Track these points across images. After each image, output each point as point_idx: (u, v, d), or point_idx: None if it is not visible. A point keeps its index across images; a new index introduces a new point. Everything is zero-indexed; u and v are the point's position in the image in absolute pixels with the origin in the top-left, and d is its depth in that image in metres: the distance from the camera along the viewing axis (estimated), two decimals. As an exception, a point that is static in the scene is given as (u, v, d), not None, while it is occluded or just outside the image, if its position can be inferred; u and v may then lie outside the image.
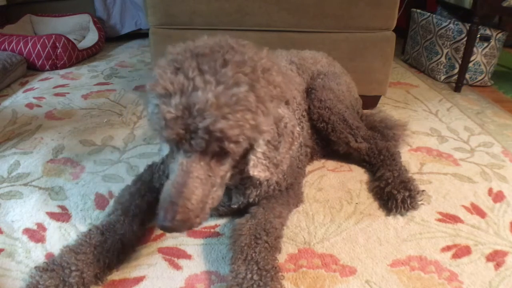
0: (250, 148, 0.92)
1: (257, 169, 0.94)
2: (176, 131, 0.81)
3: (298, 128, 1.00)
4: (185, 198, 0.84)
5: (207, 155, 0.86)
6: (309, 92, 1.51)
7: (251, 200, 1.14)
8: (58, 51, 2.68)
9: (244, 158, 0.94)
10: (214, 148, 0.83)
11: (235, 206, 1.15)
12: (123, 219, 1.08)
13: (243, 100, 0.81)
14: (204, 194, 0.87)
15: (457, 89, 2.42)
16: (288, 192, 1.21)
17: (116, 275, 1.01)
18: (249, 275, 0.90)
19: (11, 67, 2.43)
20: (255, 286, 0.88)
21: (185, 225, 0.84)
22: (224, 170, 0.91)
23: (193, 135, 0.81)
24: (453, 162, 1.58)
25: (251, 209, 1.12)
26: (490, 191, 1.40)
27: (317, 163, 1.56)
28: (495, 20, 2.62)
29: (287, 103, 0.99)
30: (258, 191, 1.14)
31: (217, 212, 1.19)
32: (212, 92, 0.79)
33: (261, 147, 0.92)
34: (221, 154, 0.87)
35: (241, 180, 1.08)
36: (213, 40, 0.92)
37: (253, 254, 0.95)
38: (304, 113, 1.47)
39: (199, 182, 0.86)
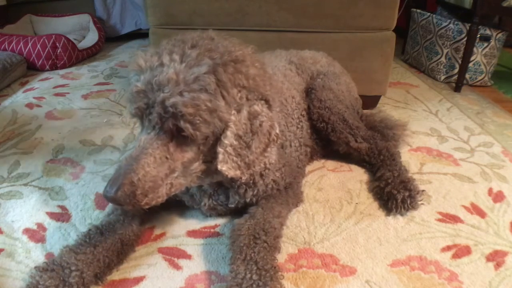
0: (218, 140, 0.91)
1: (226, 165, 0.92)
2: (138, 105, 0.86)
3: (277, 131, 0.97)
4: (133, 172, 0.84)
5: (166, 136, 0.87)
6: (308, 92, 1.51)
7: (248, 200, 1.14)
8: (58, 51, 2.68)
9: (213, 150, 0.92)
10: (169, 125, 0.84)
11: (233, 206, 1.15)
12: (123, 218, 1.08)
13: (201, 80, 0.83)
14: (157, 174, 0.86)
15: (457, 89, 2.42)
16: (287, 192, 1.21)
17: (116, 275, 1.01)
18: (249, 275, 0.90)
19: (11, 67, 2.43)
20: (254, 286, 0.88)
21: (128, 199, 0.83)
22: (187, 157, 0.89)
23: (151, 110, 0.85)
24: (453, 162, 1.58)
25: (250, 209, 1.12)
26: (490, 191, 1.40)
27: (317, 163, 1.56)
28: (495, 20, 2.62)
29: (267, 102, 0.96)
30: (255, 191, 1.14)
31: (215, 212, 1.19)
32: (173, 69, 0.83)
33: (228, 139, 0.90)
34: (181, 138, 0.87)
35: (231, 179, 1.06)
36: (200, 32, 0.95)
37: (252, 254, 0.95)
38: (304, 113, 1.47)
39: (152, 160, 0.85)
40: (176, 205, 1.24)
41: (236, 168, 0.93)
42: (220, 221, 1.22)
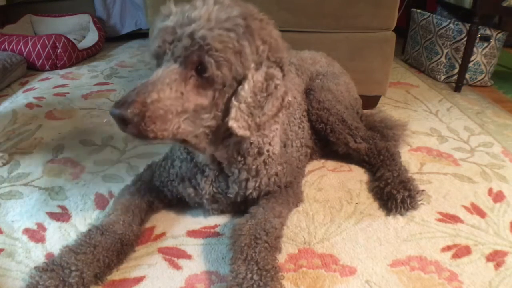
0: (234, 93, 0.90)
1: (237, 123, 0.90)
2: (163, 38, 0.86)
3: (290, 98, 0.97)
4: (148, 93, 0.82)
5: (186, 71, 0.86)
6: (307, 93, 1.51)
7: (249, 191, 1.13)
8: (58, 51, 2.68)
9: (227, 107, 0.91)
10: (194, 58, 0.84)
11: (231, 196, 1.13)
12: (123, 219, 1.08)
13: (232, 20, 0.85)
14: (170, 106, 0.84)
15: (457, 89, 2.42)
16: (288, 191, 1.21)
17: (116, 275, 1.01)
18: (249, 275, 0.90)
19: (11, 67, 2.43)
20: (255, 286, 0.88)
21: (136, 119, 0.80)
22: (201, 101, 0.88)
23: (177, 43, 0.85)
24: (453, 162, 1.58)
25: (251, 209, 1.12)
26: (490, 191, 1.40)
27: (317, 163, 1.56)
28: (495, 20, 2.62)
29: (282, 70, 0.96)
30: (258, 183, 1.13)
31: (217, 206, 1.18)
32: (206, 8, 0.86)
33: (245, 92, 0.88)
34: (200, 80, 0.86)
35: (232, 155, 1.06)
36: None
37: (253, 254, 0.95)
38: (305, 113, 1.47)
39: (168, 89, 0.84)
40: (177, 205, 1.24)
41: (246, 128, 0.91)
42: (220, 221, 1.22)
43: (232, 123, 0.89)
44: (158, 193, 1.21)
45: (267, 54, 0.91)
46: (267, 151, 1.11)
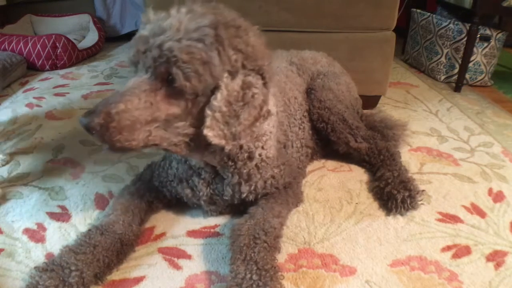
0: (207, 102, 0.90)
1: (212, 131, 0.89)
2: (136, 48, 0.88)
3: (269, 108, 0.95)
4: (113, 104, 0.84)
5: (157, 82, 0.87)
6: (308, 92, 1.51)
7: (244, 195, 1.13)
8: (58, 51, 2.68)
9: (203, 115, 0.90)
10: (161, 70, 0.85)
11: (227, 198, 1.13)
12: (123, 218, 1.08)
13: (201, 31, 0.85)
14: (137, 116, 0.85)
15: (457, 89, 2.42)
16: (287, 191, 1.21)
17: (116, 275, 1.01)
18: (248, 275, 0.90)
19: (11, 67, 2.43)
20: (254, 286, 0.88)
21: (101, 129, 0.83)
22: (173, 111, 0.88)
23: (148, 53, 0.86)
24: (453, 162, 1.58)
25: (250, 209, 1.12)
26: (490, 191, 1.40)
27: (317, 163, 1.56)
28: (495, 20, 2.62)
29: (263, 78, 0.94)
30: (253, 187, 1.13)
31: (215, 207, 1.18)
32: (177, 18, 0.86)
33: (218, 102, 0.88)
34: (171, 90, 0.86)
35: (222, 159, 1.05)
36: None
37: (252, 254, 0.95)
38: (306, 114, 1.47)
39: (136, 100, 0.85)
40: (176, 205, 1.24)
41: (222, 137, 0.91)
42: (220, 221, 1.22)
43: (206, 132, 0.89)
44: (158, 193, 1.21)
45: (243, 62, 0.90)
46: (260, 155, 1.10)
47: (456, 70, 2.51)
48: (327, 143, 1.54)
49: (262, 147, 1.10)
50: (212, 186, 1.13)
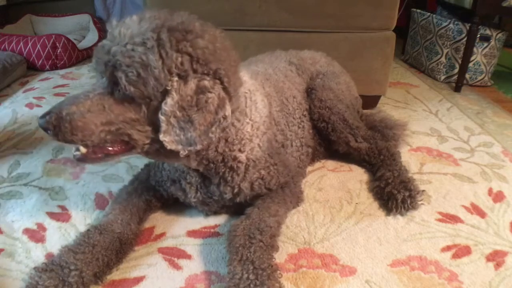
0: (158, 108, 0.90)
1: (169, 137, 0.90)
2: (96, 56, 0.91)
3: (226, 113, 0.93)
4: (66, 106, 0.89)
5: (109, 87, 0.89)
6: (309, 92, 1.51)
7: (227, 196, 1.12)
8: (58, 51, 2.68)
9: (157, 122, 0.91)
10: (109, 74, 0.87)
11: (217, 198, 1.14)
12: (121, 218, 1.08)
13: (142, 35, 0.86)
14: (90, 118, 0.88)
15: (457, 89, 2.42)
16: (284, 191, 1.21)
17: (116, 275, 1.01)
18: (246, 275, 0.90)
19: (11, 67, 2.43)
20: (252, 285, 0.88)
21: (52, 129, 0.89)
22: (128, 116, 0.89)
23: (100, 60, 0.89)
24: (453, 162, 1.58)
25: (247, 210, 1.12)
26: (490, 191, 1.40)
27: (317, 163, 1.56)
28: (495, 20, 2.62)
29: (221, 82, 0.92)
30: (236, 189, 1.12)
31: (208, 208, 1.19)
32: (127, 25, 0.89)
33: (168, 107, 0.87)
34: (124, 95, 0.88)
35: (202, 162, 1.05)
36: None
37: (248, 254, 0.95)
38: (305, 113, 1.47)
39: (88, 103, 0.89)
40: (176, 205, 1.24)
41: (178, 142, 0.91)
42: (220, 221, 1.22)
43: (162, 137, 0.90)
44: (155, 192, 1.22)
45: (192, 66, 0.88)
46: (235, 158, 1.08)
47: (456, 70, 2.51)
48: (329, 144, 1.54)
49: (239, 150, 1.08)
50: (202, 189, 1.13)
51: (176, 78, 0.87)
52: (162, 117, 0.89)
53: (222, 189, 1.12)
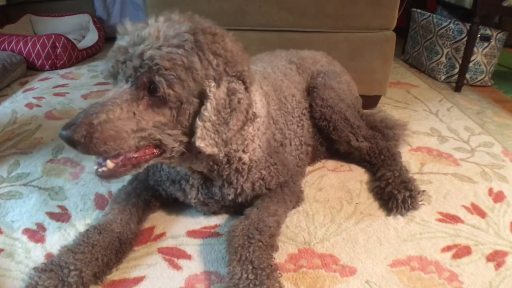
0: (197, 114, 0.90)
1: (204, 141, 0.91)
2: (116, 58, 0.87)
3: (254, 110, 0.97)
4: (95, 114, 0.83)
5: (138, 92, 0.86)
6: (310, 90, 1.51)
7: (230, 197, 1.13)
8: (58, 51, 2.68)
9: (193, 124, 0.91)
10: (143, 80, 0.85)
11: (218, 199, 1.14)
12: (120, 217, 1.08)
13: (180, 37, 0.85)
14: (122, 126, 0.84)
15: (457, 89, 2.42)
16: (283, 190, 1.21)
17: (116, 275, 1.00)
18: (245, 275, 0.90)
19: (11, 67, 2.43)
20: (251, 285, 0.88)
21: (84, 140, 0.80)
22: (158, 119, 0.88)
23: (128, 64, 0.86)
24: (453, 162, 1.58)
25: (246, 210, 1.12)
26: (490, 191, 1.40)
27: (317, 163, 1.55)
28: (495, 20, 2.62)
29: (244, 83, 0.96)
30: (238, 190, 1.12)
31: (207, 208, 1.19)
32: (156, 27, 0.87)
33: (208, 112, 0.89)
34: (154, 99, 0.86)
35: (208, 164, 1.05)
36: None
37: (247, 254, 0.95)
38: (305, 111, 1.47)
39: (118, 110, 0.85)
40: (176, 205, 1.24)
41: (214, 145, 0.92)
42: (220, 221, 1.21)
43: (199, 143, 0.90)
44: (154, 192, 1.22)
45: (225, 68, 0.91)
46: (239, 159, 1.09)
47: (456, 70, 2.51)
48: (330, 143, 1.54)
49: (243, 151, 1.09)
50: (204, 190, 1.14)
51: (213, 82, 0.89)
52: (199, 123, 0.89)
53: (225, 191, 1.12)
